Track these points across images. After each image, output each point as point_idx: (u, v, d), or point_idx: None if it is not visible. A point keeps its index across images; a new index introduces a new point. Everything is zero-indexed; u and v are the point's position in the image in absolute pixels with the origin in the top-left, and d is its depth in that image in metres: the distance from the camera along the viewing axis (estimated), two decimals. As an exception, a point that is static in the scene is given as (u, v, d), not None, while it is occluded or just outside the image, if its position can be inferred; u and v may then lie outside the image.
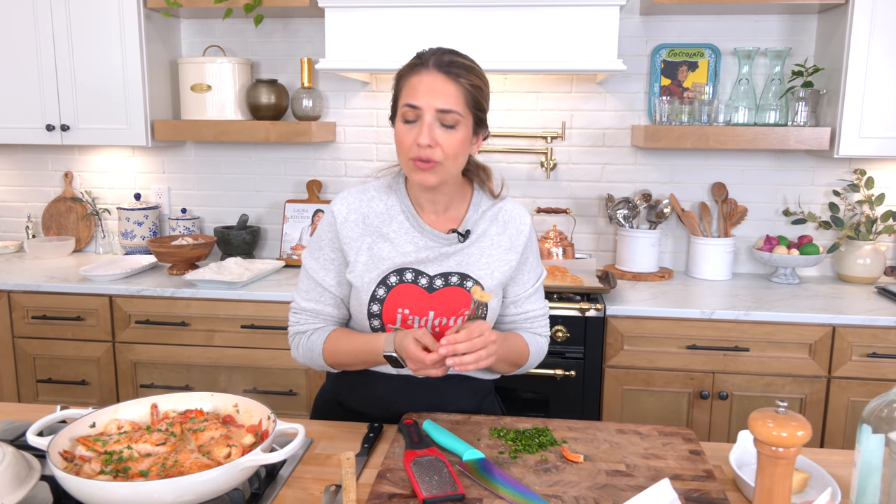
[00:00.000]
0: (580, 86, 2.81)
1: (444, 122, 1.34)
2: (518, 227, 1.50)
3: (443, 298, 1.43)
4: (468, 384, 1.54)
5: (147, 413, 1.28)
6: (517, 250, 1.49)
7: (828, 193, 2.76)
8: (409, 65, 1.40)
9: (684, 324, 2.30)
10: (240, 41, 2.94)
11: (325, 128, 2.83)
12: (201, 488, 1.03)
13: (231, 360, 2.51)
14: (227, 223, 3.07)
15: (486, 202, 1.51)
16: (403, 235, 1.45)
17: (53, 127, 2.74)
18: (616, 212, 2.75)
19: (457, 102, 1.34)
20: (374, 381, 1.50)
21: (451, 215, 1.48)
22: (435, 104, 1.33)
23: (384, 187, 1.50)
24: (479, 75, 1.40)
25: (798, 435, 0.90)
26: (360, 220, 1.46)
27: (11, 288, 2.56)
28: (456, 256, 1.45)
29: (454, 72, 1.35)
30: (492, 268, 1.46)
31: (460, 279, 1.44)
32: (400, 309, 1.42)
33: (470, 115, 1.37)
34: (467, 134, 1.38)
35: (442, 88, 1.34)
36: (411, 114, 1.35)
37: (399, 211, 1.47)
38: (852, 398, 2.27)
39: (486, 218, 1.49)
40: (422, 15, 2.38)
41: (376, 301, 1.43)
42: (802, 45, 2.68)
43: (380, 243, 1.45)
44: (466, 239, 1.46)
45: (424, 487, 1.13)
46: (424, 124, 1.33)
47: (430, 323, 1.43)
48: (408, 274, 1.43)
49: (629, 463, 1.25)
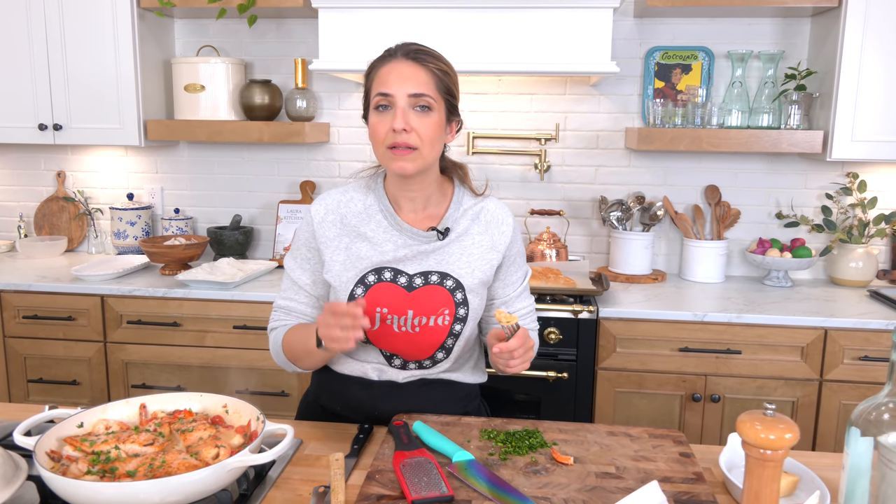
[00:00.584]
0: (574, 88, 2.81)
1: (418, 106, 1.36)
2: (501, 227, 1.49)
3: (422, 297, 1.43)
4: (453, 388, 1.53)
5: (135, 413, 1.27)
6: (499, 250, 1.49)
7: (820, 197, 2.77)
8: (377, 58, 1.42)
9: (677, 326, 2.30)
10: (233, 41, 2.94)
11: (318, 128, 2.82)
12: (189, 489, 1.03)
13: (223, 360, 2.50)
14: (220, 223, 3.07)
15: (468, 200, 1.50)
16: (382, 234, 1.45)
17: (46, 126, 2.73)
18: (609, 214, 2.76)
19: (427, 86, 1.36)
20: (354, 385, 1.49)
21: (430, 213, 1.48)
22: (406, 89, 1.35)
23: (363, 187, 1.50)
24: (446, 63, 1.42)
25: (786, 437, 0.90)
26: (338, 220, 1.46)
27: (3, 287, 2.55)
28: (436, 255, 1.45)
29: (422, 58, 1.38)
30: (472, 266, 1.45)
31: (440, 278, 1.43)
32: (378, 308, 1.41)
33: (441, 100, 1.39)
34: (441, 119, 1.39)
35: (412, 73, 1.36)
36: (384, 101, 1.36)
37: (377, 210, 1.46)
38: (844, 401, 2.28)
39: (467, 216, 1.48)
40: (415, 16, 2.38)
41: (354, 300, 1.42)
42: (795, 48, 2.69)
43: (358, 243, 1.45)
44: (446, 237, 1.45)
45: (413, 489, 1.13)
46: (398, 109, 1.35)
47: (410, 322, 1.42)
48: (386, 273, 1.43)
49: (619, 465, 1.25)
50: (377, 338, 1.44)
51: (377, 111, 1.38)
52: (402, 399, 1.48)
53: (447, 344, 1.46)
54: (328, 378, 1.54)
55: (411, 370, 1.48)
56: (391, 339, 1.44)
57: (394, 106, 1.35)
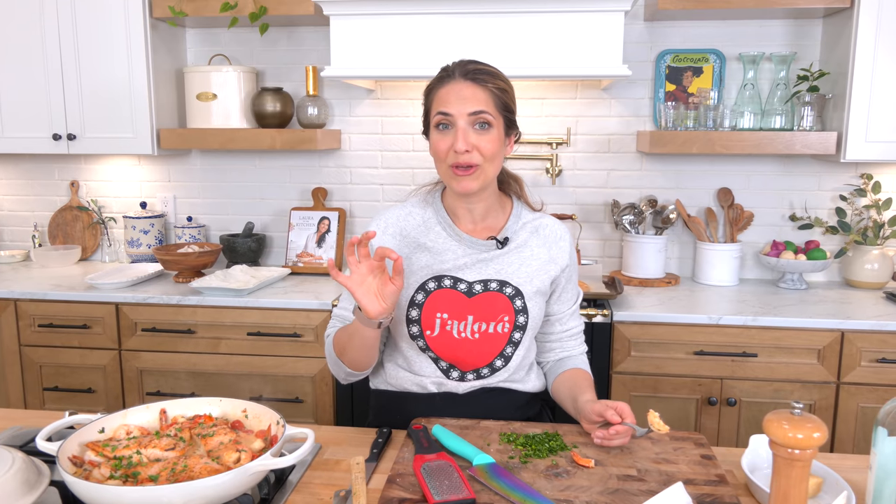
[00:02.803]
0: (585, 92, 2.81)
1: (477, 123, 1.39)
2: (559, 242, 1.54)
3: (482, 303, 1.45)
4: (513, 396, 1.53)
5: (156, 418, 1.27)
6: (558, 263, 1.52)
7: (834, 198, 2.76)
8: (436, 78, 1.45)
9: (692, 329, 2.29)
10: (245, 50, 2.96)
11: (330, 135, 2.83)
12: (211, 493, 1.02)
13: (237, 367, 2.50)
14: (233, 231, 3.08)
15: (527, 214, 1.55)
16: (441, 244, 1.48)
17: (60, 136, 2.75)
18: (622, 217, 2.75)
19: (486, 104, 1.39)
20: (412, 400, 1.51)
21: (488, 224, 1.51)
22: (466, 109, 1.38)
23: (420, 202, 1.55)
24: (503, 80, 1.45)
25: (814, 437, 0.89)
26: (398, 233, 1.51)
27: (18, 296, 2.56)
28: (494, 263, 1.47)
29: (480, 78, 1.41)
30: (531, 275, 1.48)
31: (499, 285, 1.46)
32: (439, 314, 1.44)
33: (500, 116, 1.42)
34: (500, 135, 1.42)
35: (470, 94, 1.39)
36: (444, 120, 1.40)
37: (436, 222, 1.51)
38: (862, 404, 2.26)
39: (526, 229, 1.52)
40: (426, 22, 2.39)
41: (415, 306, 1.45)
42: (807, 49, 2.68)
43: (418, 253, 1.49)
44: (505, 246, 1.48)
45: (435, 492, 1.12)
46: (459, 130, 1.38)
47: (470, 328, 1.44)
48: (446, 280, 1.46)
49: (640, 468, 1.24)
50: (437, 345, 1.46)
51: (438, 129, 1.41)
52: (462, 409, 1.48)
53: (506, 352, 1.48)
54: (386, 397, 1.56)
55: (470, 381, 1.49)
56: (451, 345, 1.45)
57: (454, 125, 1.38)
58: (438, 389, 1.49)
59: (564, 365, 1.58)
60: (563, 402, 1.51)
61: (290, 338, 2.46)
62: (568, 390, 1.49)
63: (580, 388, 1.47)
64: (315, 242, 2.90)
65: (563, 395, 1.51)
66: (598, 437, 1.30)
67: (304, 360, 2.47)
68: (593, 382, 1.55)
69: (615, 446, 1.31)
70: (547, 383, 1.61)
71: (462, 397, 1.49)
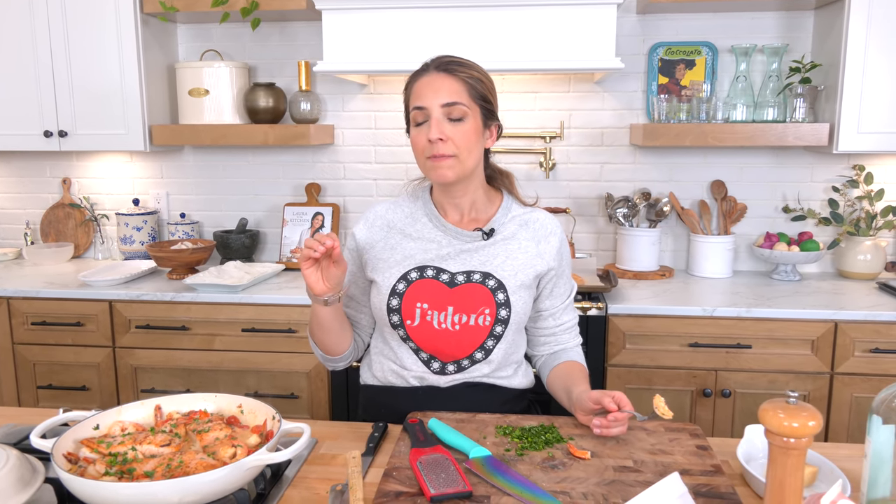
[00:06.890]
0: (578, 85, 2.81)
1: (452, 115, 1.39)
2: (549, 237, 1.53)
3: (462, 294, 1.44)
4: (497, 392, 1.53)
5: (151, 415, 1.27)
6: (545, 258, 1.51)
7: (827, 189, 2.77)
8: (413, 73, 1.46)
9: (686, 321, 2.29)
10: (237, 45, 2.94)
11: (323, 130, 2.82)
12: (207, 488, 1.02)
13: (232, 363, 2.50)
14: (226, 227, 3.07)
15: (517, 208, 1.55)
16: (426, 234, 1.50)
17: (51, 133, 2.73)
18: (616, 211, 2.75)
19: (459, 95, 1.40)
20: (398, 395, 1.51)
21: (476, 217, 1.52)
22: (439, 100, 1.39)
23: (410, 196, 1.57)
24: (478, 70, 1.45)
25: (809, 425, 0.90)
26: (385, 225, 1.53)
27: (11, 294, 2.55)
28: (479, 254, 1.47)
29: (453, 68, 1.42)
30: (516, 269, 1.47)
31: (483, 277, 1.45)
32: (419, 303, 1.44)
33: (476, 106, 1.42)
34: (477, 125, 1.43)
35: (443, 85, 1.40)
36: (420, 115, 1.41)
37: (423, 213, 1.52)
38: (856, 394, 2.27)
39: (515, 222, 1.52)
40: (419, 16, 2.38)
41: (396, 295, 1.45)
42: (799, 41, 2.69)
43: (403, 242, 1.50)
44: (490, 237, 1.48)
45: (432, 485, 1.12)
46: (433, 121, 1.39)
47: (450, 319, 1.44)
48: (429, 271, 1.46)
49: (636, 459, 1.25)
50: (417, 335, 1.46)
51: (416, 126, 1.43)
52: (446, 403, 1.48)
53: (487, 345, 1.47)
54: (372, 391, 1.57)
55: (451, 374, 1.49)
56: (431, 335, 1.45)
57: (429, 118, 1.40)
58: (420, 384, 1.50)
59: (559, 358, 1.58)
60: (558, 395, 1.51)
61: (285, 334, 2.45)
62: (563, 383, 1.49)
63: (575, 380, 1.47)
64: (310, 237, 2.89)
65: (558, 387, 1.51)
66: (596, 426, 1.31)
67: (299, 356, 2.46)
68: (588, 375, 1.55)
69: (613, 435, 1.31)
70: (541, 378, 1.62)
71: (445, 391, 1.49)
